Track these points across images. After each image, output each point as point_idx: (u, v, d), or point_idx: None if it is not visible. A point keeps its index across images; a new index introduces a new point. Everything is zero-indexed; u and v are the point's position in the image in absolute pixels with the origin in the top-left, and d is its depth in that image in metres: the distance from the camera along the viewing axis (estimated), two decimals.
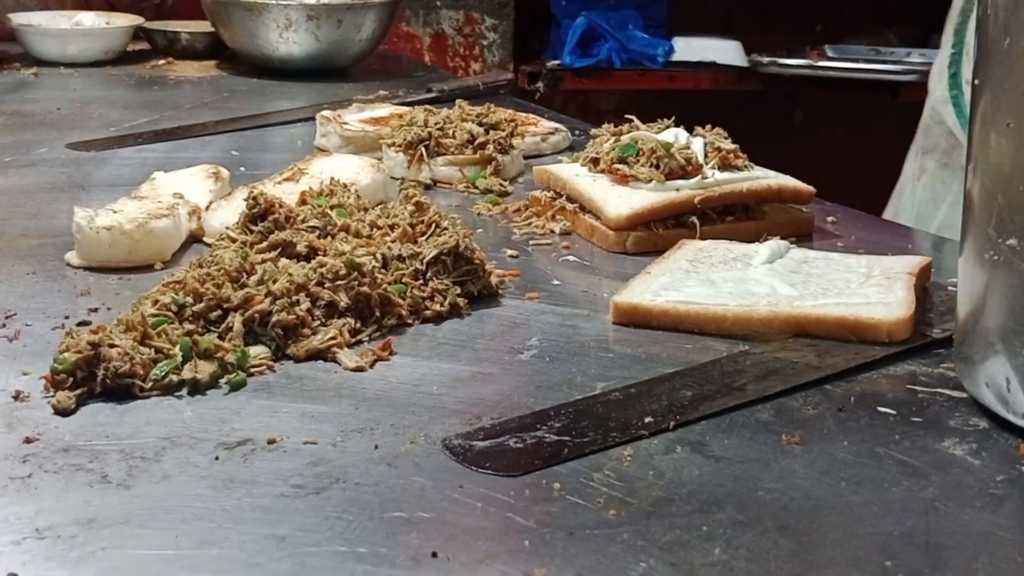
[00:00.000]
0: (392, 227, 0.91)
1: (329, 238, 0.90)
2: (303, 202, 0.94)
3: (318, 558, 0.54)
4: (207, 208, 1.01)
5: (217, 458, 0.63)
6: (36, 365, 0.73)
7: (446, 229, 0.90)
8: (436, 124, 1.22)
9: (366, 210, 0.95)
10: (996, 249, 0.67)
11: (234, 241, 0.90)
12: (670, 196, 1.02)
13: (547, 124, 1.39)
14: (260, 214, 0.91)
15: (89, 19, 1.90)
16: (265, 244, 0.87)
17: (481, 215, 1.09)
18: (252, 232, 0.90)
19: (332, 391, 0.73)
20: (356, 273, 0.82)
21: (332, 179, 0.99)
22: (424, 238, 0.90)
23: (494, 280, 0.88)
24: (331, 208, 0.93)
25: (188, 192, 1.03)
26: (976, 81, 0.69)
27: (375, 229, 0.92)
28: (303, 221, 0.91)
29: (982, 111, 0.69)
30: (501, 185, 1.18)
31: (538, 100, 2.31)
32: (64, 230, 0.96)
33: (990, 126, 0.68)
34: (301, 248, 0.86)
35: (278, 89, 1.71)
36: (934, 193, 1.33)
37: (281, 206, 0.91)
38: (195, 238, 0.99)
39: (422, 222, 0.91)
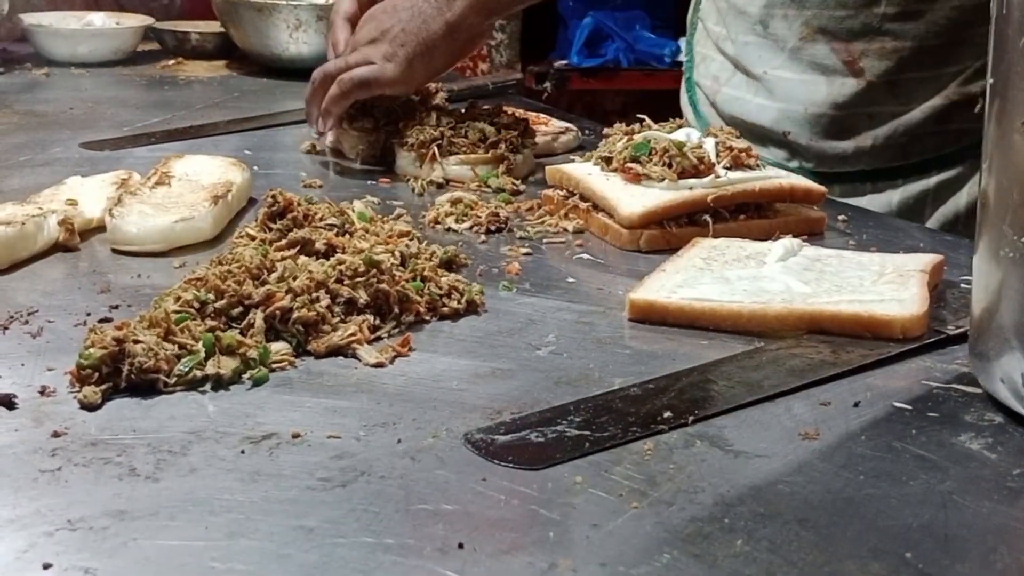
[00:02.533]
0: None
1: (347, 236, 0.91)
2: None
3: (346, 549, 0.55)
4: (110, 213, 0.99)
5: (243, 452, 0.64)
6: (60, 361, 0.74)
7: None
8: (448, 123, 1.23)
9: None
10: (1012, 246, 0.68)
11: (253, 239, 0.90)
12: (683, 195, 1.03)
13: (558, 124, 1.40)
14: (279, 212, 0.91)
15: (99, 19, 1.91)
16: (284, 242, 0.88)
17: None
18: (271, 230, 0.91)
19: (353, 386, 0.73)
20: (375, 270, 0.82)
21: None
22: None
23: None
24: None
25: (88, 200, 1.03)
26: (991, 80, 0.70)
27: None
28: (321, 219, 0.91)
29: (997, 110, 0.69)
30: (513, 184, 1.19)
31: (545, 100, 2.32)
32: None
33: (1005, 125, 0.68)
34: (320, 246, 0.87)
35: (288, 89, 1.71)
36: None
37: (299, 204, 0.92)
38: (64, 248, 0.97)
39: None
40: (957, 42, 1.21)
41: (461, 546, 0.55)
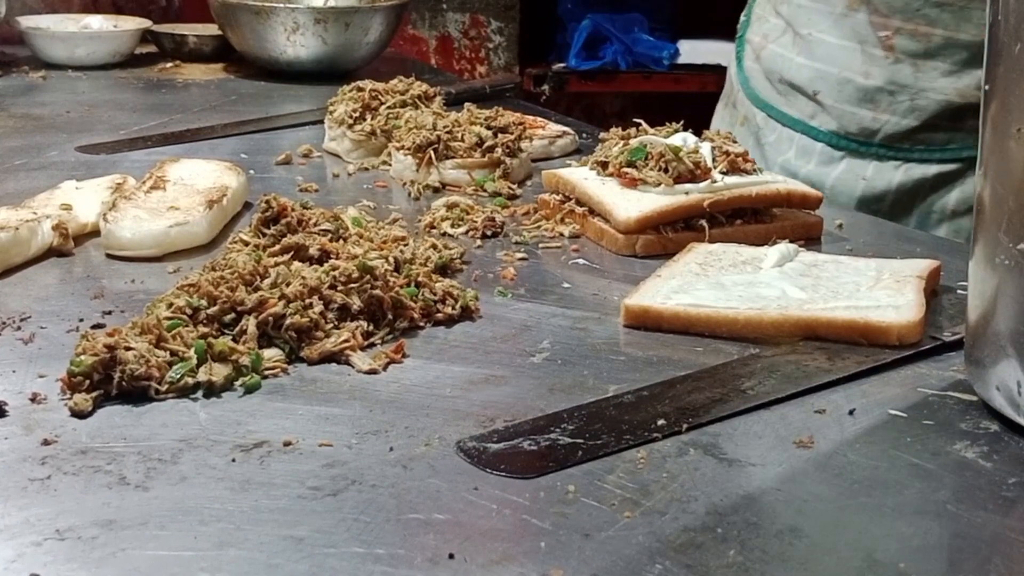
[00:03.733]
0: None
1: (341, 241, 0.90)
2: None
3: (336, 559, 0.55)
4: (105, 217, 0.98)
5: (234, 460, 0.64)
6: (52, 367, 0.74)
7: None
8: (445, 127, 1.23)
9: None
10: (1007, 253, 0.67)
11: (247, 244, 0.90)
12: (679, 199, 1.03)
13: (554, 127, 1.40)
14: (273, 217, 0.91)
15: (97, 22, 1.90)
16: (278, 247, 0.88)
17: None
18: (265, 235, 0.90)
19: (346, 393, 0.73)
20: (368, 276, 0.82)
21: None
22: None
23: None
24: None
25: (83, 204, 1.02)
26: (987, 86, 0.70)
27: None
28: (315, 225, 0.91)
29: (992, 116, 0.69)
30: (510, 188, 1.18)
31: (543, 103, 2.32)
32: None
33: (1001, 131, 0.68)
34: (313, 251, 0.87)
35: (285, 92, 1.71)
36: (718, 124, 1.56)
37: (293, 209, 0.92)
38: (58, 253, 0.97)
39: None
40: (981, 43, 1.24)
41: (452, 556, 0.55)
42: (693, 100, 2.27)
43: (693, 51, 2.59)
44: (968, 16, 1.27)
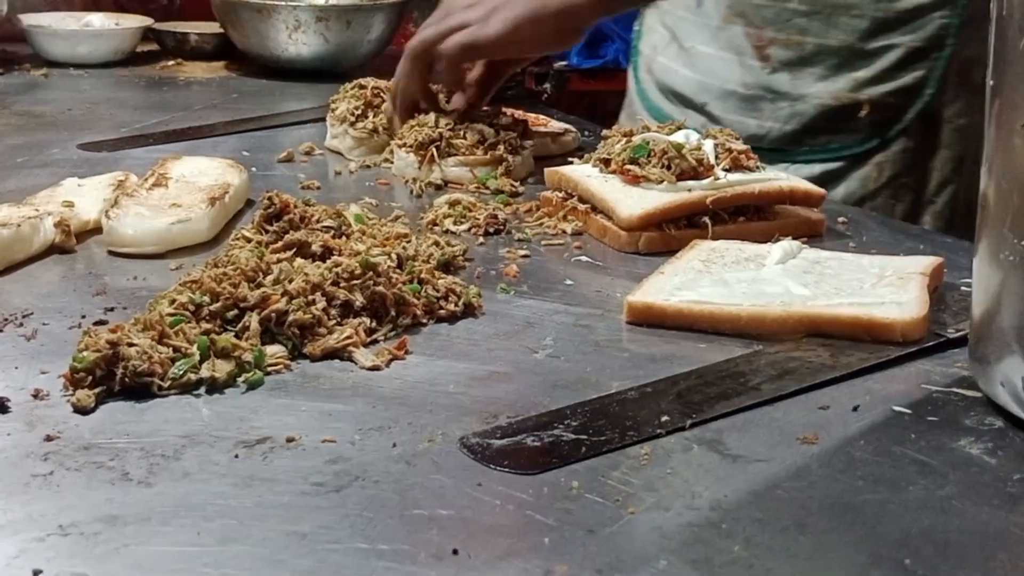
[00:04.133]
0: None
1: (344, 238, 0.90)
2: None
3: (340, 555, 0.54)
4: (107, 214, 0.98)
5: (237, 456, 0.64)
6: (54, 364, 0.73)
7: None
8: (447, 125, 1.23)
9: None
10: (1012, 249, 0.67)
11: (249, 241, 0.90)
12: (682, 197, 1.03)
13: (557, 125, 1.40)
14: (275, 214, 0.91)
15: (99, 20, 1.90)
16: (280, 244, 0.88)
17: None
18: (267, 232, 0.90)
19: (349, 390, 0.73)
20: (371, 273, 0.82)
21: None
22: None
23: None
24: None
25: (85, 201, 1.02)
26: (991, 82, 0.69)
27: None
28: (318, 221, 0.91)
29: (997, 112, 0.69)
30: (512, 186, 1.18)
31: (546, 101, 2.31)
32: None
33: (1005, 127, 0.68)
34: (316, 248, 0.87)
35: (287, 90, 1.71)
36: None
37: (296, 206, 0.91)
38: (60, 250, 0.96)
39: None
40: (854, 50, 1.33)
41: (456, 552, 0.55)
42: None
43: None
44: (836, 23, 1.32)
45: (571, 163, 1.16)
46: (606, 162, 1.09)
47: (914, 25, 1.31)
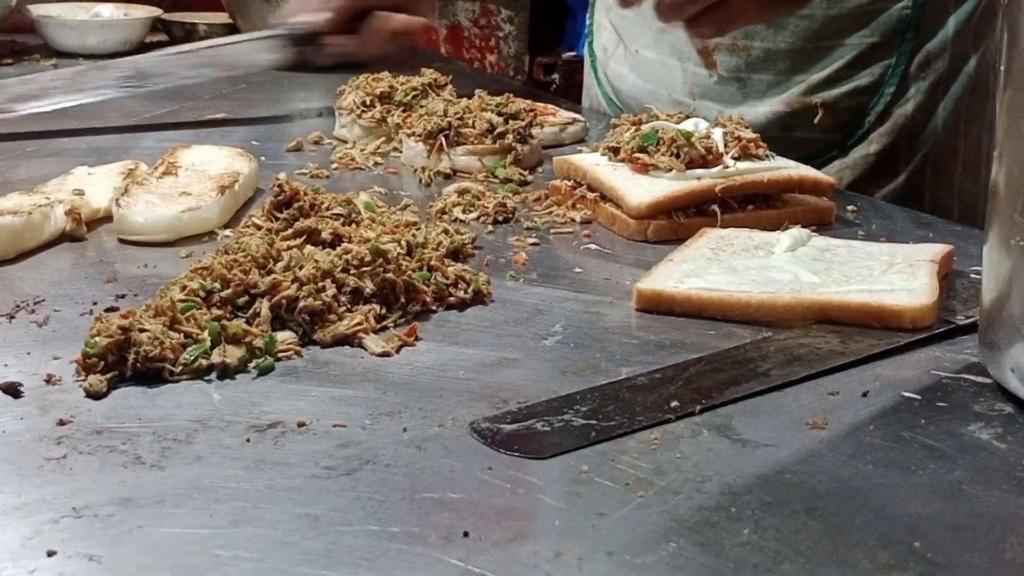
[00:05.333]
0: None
1: (353, 225, 0.91)
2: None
3: (351, 537, 0.55)
4: (117, 203, 0.99)
5: (248, 440, 0.64)
6: (66, 350, 0.74)
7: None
8: (456, 114, 1.23)
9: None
10: (1022, 235, 0.67)
11: (259, 228, 0.90)
12: (691, 185, 1.03)
13: (565, 114, 1.40)
14: (285, 201, 0.91)
15: (108, 10, 1.91)
16: (290, 231, 0.88)
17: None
18: (277, 219, 0.91)
19: (359, 376, 0.73)
20: (381, 260, 0.82)
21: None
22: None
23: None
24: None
25: (95, 190, 1.02)
26: (1002, 68, 0.69)
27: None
28: (327, 209, 0.91)
29: (1009, 98, 0.69)
30: (520, 174, 1.18)
31: (554, 91, 2.31)
32: None
33: (1016, 113, 0.68)
34: (326, 235, 0.87)
35: (296, 80, 1.71)
36: None
37: (306, 194, 0.92)
38: (71, 238, 0.97)
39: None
40: (804, 52, 1.26)
41: (466, 534, 0.55)
42: None
43: None
44: (784, 24, 1.24)
45: (580, 152, 1.16)
46: (615, 150, 1.09)
47: (867, 20, 1.23)
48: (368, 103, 1.32)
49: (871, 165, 1.30)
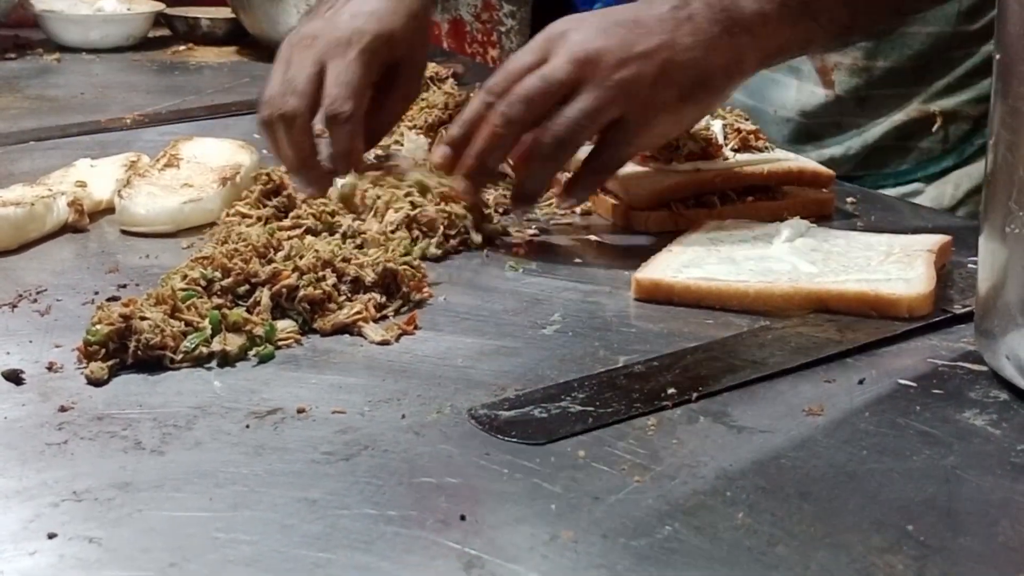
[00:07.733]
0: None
1: (336, 216, 0.92)
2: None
3: (349, 520, 0.55)
4: (119, 194, 0.99)
5: (248, 426, 0.64)
6: (68, 338, 0.74)
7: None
8: (457, 106, 1.23)
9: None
10: (1018, 222, 0.67)
11: (245, 216, 0.92)
12: (690, 176, 1.03)
13: None
14: (273, 190, 0.93)
15: (110, 5, 1.91)
16: (289, 222, 0.89)
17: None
18: (265, 207, 0.92)
19: (359, 363, 0.74)
20: (381, 249, 0.83)
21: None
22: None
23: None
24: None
25: (97, 181, 1.03)
26: (997, 56, 0.70)
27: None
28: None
29: (1003, 86, 0.69)
30: None
31: None
32: None
33: (1011, 100, 0.68)
34: (313, 223, 0.88)
35: None
36: None
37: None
38: (73, 229, 0.97)
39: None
40: (927, 64, 1.23)
41: (463, 518, 0.56)
42: None
43: None
44: (909, 40, 1.21)
45: None
46: None
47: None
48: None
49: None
